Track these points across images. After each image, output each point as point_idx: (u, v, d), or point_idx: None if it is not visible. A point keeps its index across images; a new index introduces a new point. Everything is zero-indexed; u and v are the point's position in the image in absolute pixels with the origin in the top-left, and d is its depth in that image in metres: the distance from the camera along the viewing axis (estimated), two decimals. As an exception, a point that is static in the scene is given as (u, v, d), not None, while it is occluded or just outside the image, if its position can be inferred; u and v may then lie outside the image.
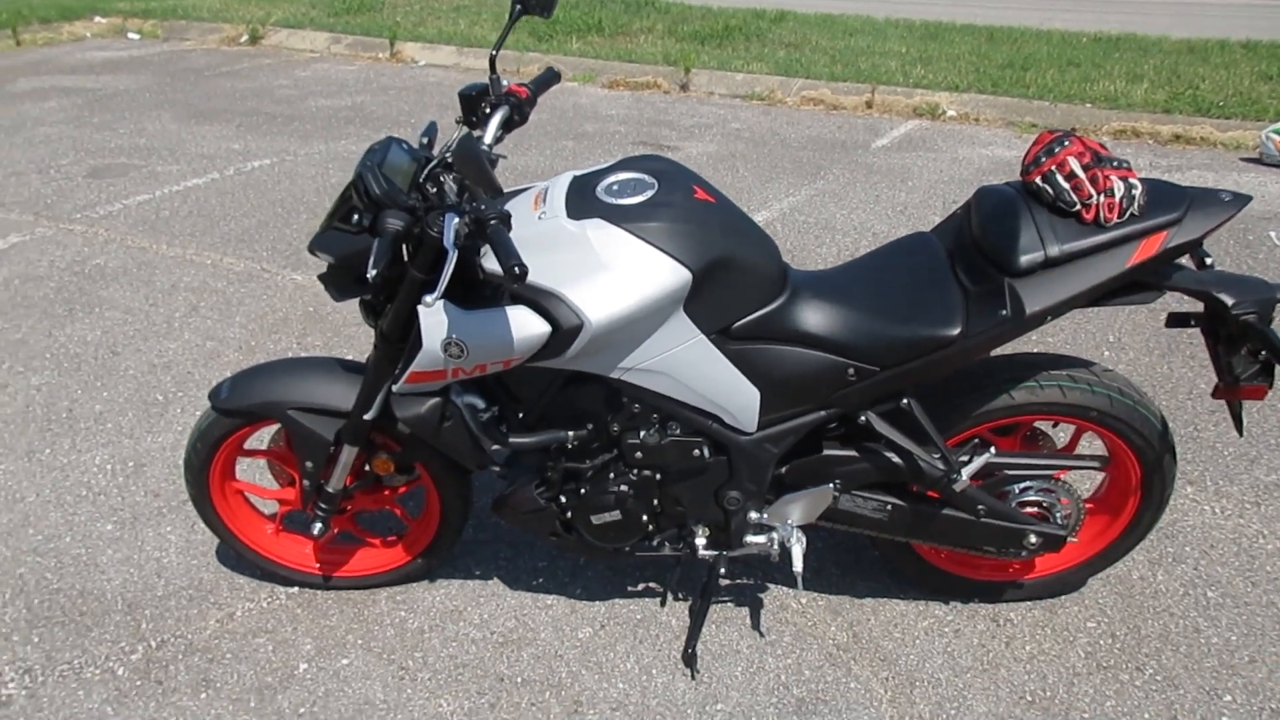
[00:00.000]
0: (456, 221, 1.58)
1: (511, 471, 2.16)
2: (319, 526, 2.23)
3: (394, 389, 1.94)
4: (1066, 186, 1.82)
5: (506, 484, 2.15)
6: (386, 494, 2.35)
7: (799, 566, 2.09)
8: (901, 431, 2.00)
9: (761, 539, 2.15)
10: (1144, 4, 10.69)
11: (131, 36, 10.36)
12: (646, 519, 2.11)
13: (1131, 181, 1.81)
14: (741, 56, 8.21)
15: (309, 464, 2.16)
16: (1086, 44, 8.44)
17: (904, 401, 1.98)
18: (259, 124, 6.74)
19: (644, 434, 1.99)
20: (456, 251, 1.58)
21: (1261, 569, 2.47)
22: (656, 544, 2.20)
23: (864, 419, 1.99)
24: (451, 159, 1.85)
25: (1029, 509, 2.14)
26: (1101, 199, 1.80)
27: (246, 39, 9.80)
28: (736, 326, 1.88)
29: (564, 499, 2.11)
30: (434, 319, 1.78)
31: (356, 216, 1.79)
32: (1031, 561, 2.31)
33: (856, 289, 1.96)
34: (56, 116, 6.93)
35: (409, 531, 2.42)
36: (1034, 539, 2.11)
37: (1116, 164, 1.83)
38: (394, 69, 8.59)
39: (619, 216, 1.80)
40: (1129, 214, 1.80)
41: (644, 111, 7.04)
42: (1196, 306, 1.87)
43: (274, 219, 4.97)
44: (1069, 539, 2.14)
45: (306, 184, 5.48)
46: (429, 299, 1.55)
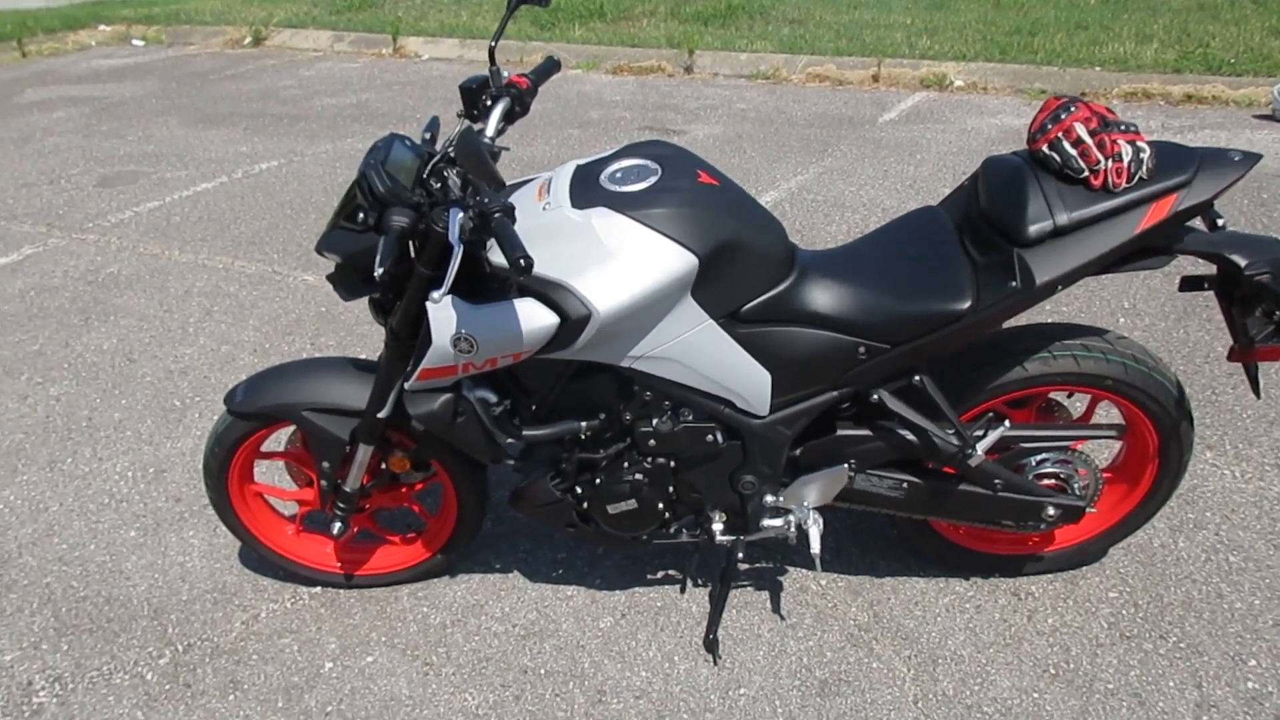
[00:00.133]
0: (461, 216, 1.58)
1: (526, 464, 2.17)
2: (338, 526, 2.24)
3: (406, 386, 1.94)
4: (1074, 153, 1.79)
5: (522, 477, 2.16)
6: (404, 491, 2.36)
7: (817, 548, 2.08)
8: (915, 408, 1.99)
9: (778, 522, 2.14)
10: (1151, -37, 10.55)
11: (136, 43, 10.41)
12: (662, 506, 2.11)
13: (1139, 145, 1.78)
14: (745, 35, 8.16)
15: (325, 464, 2.18)
16: (1095, 6, 8.34)
17: (916, 378, 1.97)
18: (265, 126, 6.76)
19: (656, 422, 1.99)
20: (462, 246, 1.57)
21: (1286, 532, 2.45)
22: (674, 531, 2.20)
23: (877, 397, 1.97)
24: (453, 154, 1.85)
25: (1046, 481, 2.12)
26: (1109, 164, 1.78)
27: (250, 41, 9.83)
28: (745, 310, 1.87)
29: (579, 490, 2.11)
30: (442, 315, 1.78)
31: (362, 215, 1.79)
32: (1051, 534, 2.29)
33: (864, 267, 1.95)
34: (65, 126, 6.97)
35: (428, 528, 2.44)
36: (1052, 511, 2.10)
37: (1124, 128, 1.81)
38: (398, 64, 8.59)
39: (623, 204, 1.79)
40: (1138, 178, 1.78)
41: (649, 96, 7.02)
42: (1210, 269, 1.85)
43: (284, 220, 4.99)
44: (1087, 509, 2.12)
45: (314, 184, 5.50)
46: (436, 295, 1.55)
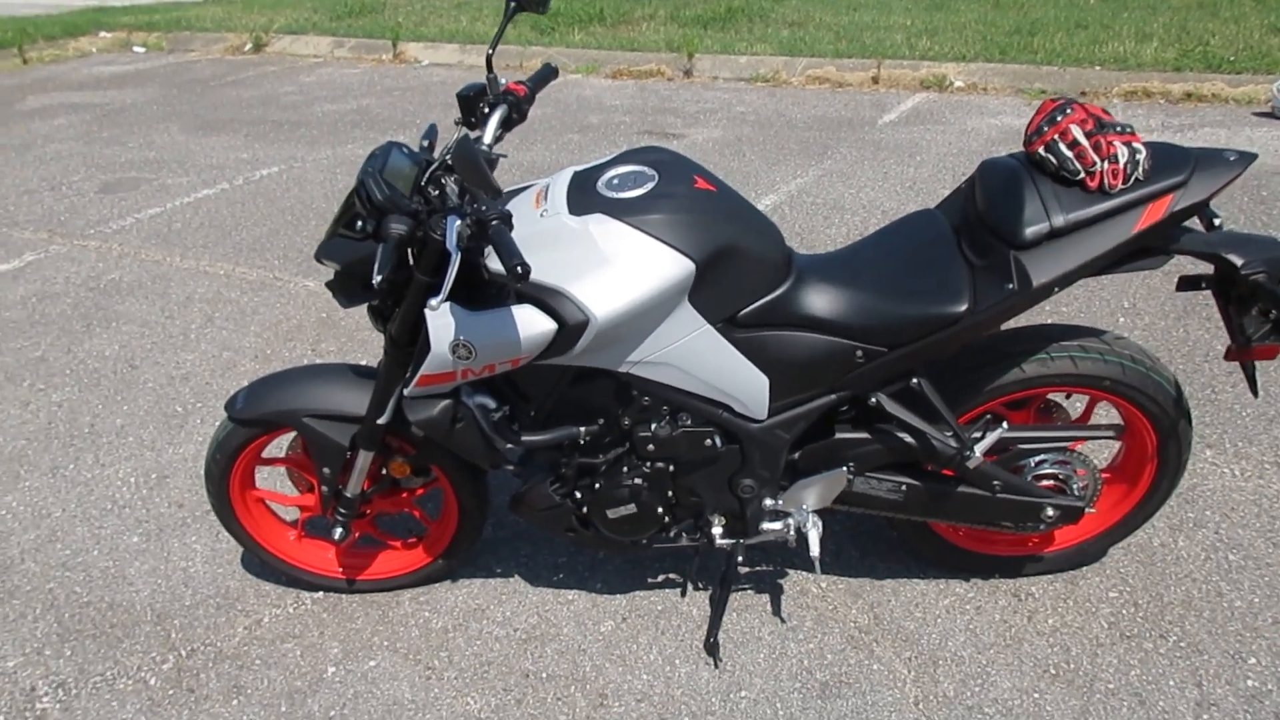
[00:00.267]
0: (458, 224, 1.59)
1: (526, 470, 2.17)
2: (340, 531, 2.25)
3: (405, 393, 1.95)
4: (1070, 155, 1.80)
5: (522, 482, 2.16)
6: (404, 496, 2.37)
7: (816, 551, 2.09)
8: (913, 411, 2.00)
9: (778, 525, 2.15)
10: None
11: (137, 50, 10.43)
12: (662, 511, 2.11)
13: (1135, 146, 1.79)
14: (745, 38, 8.17)
15: (326, 470, 2.18)
16: (1094, 5, 8.34)
17: (914, 381, 1.98)
18: (266, 132, 6.77)
19: (655, 426, 1.99)
20: (460, 254, 1.58)
21: (1286, 531, 2.45)
22: (673, 535, 2.20)
23: (875, 400, 1.98)
24: (451, 161, 1.86)
25: (1045, 482, 2.13)
26: (1105, 165, 1.78)
27: (250, 47, 9.85)
28: (742, 314, 1.88)
29: (579, 495, 2.12)
30: (441, 322, 1.79)
31: (360, 223, 1.80)
32: (1050, 534, 2.29)
33: (861, 270, 1.95)
34: (66, 133, 6.99)
35: (429, 533, 2.44)
36: (1051, 512, 2.11)
37: (1120, 129, 1.81)
38: (398, 70, 8.61)
39: (620, 210, 1.80)
40: (1134, 179, 1.78)
41: (648, 100, 7.03)
42: (1207, 269, 1.85)
43: (285, 227, 5.00)
44: (1087, 510, 2.13)
45: (315, 190, 5.51)
46: (434, 302, 1.56)
